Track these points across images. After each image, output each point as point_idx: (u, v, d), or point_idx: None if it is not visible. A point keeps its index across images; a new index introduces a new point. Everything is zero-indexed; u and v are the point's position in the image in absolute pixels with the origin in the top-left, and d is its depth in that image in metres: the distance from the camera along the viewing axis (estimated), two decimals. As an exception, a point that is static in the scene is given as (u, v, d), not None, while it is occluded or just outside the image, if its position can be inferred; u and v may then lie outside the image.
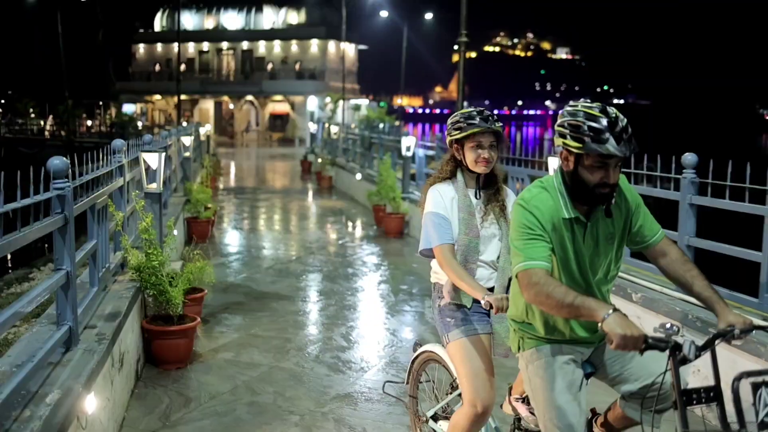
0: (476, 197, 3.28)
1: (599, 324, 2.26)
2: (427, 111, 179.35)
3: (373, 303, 7.66)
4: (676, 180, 5.44)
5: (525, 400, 3.13)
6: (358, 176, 15.47)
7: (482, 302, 2.92)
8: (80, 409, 3.27)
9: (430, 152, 12.07)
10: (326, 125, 24.30)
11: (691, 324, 4.67)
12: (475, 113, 3.22)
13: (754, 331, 2.46)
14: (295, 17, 53.92)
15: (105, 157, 5.07)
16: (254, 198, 17.16)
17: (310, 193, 18.61)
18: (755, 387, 2.14)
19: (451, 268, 3.10)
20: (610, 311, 2.26)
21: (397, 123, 37.20)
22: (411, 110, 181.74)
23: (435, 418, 3.54)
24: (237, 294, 7.79)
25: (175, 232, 8.10)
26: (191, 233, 10.49)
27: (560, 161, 2.61)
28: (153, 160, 5.80)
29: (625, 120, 2.47)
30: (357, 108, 39.38)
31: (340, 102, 35.59)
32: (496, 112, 3.51)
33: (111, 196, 5.13)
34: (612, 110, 2.46)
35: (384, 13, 46.03)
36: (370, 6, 49.13)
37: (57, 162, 3.59)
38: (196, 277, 5.96)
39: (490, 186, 3.31)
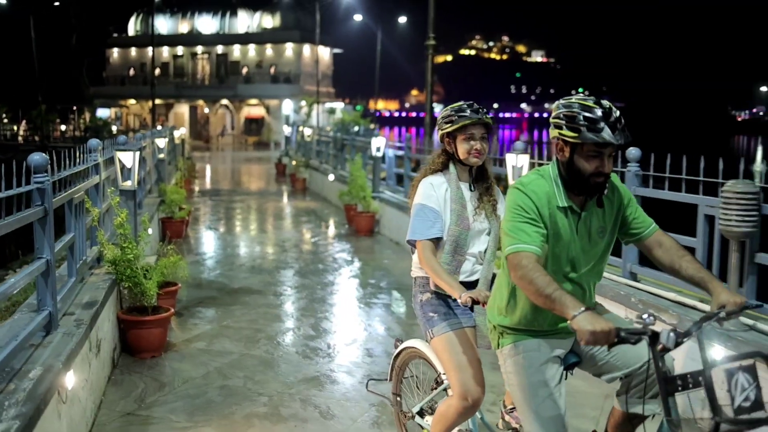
0: (470, 189, 3.33)
1: (568, 321, 2.31)
2: (404, 114, 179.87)
3: (342, 296, 7.96)
4: (622, 173, 5.80)
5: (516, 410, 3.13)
6: (331, 177, 15.77)
7: (459, 300, 2.97)
8: (60, 385, 3.54)
9: (399, 152, 12.39)
10: (300, 128, 24.54)
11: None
12: (465, 106, 3.29)
13: (742, 312, 2.49)
14: (269, 21, 54.14)
15: (81, 156, 5.33)
16: (229, 200, 17.40)
17: (284, 195, 18.88)
18: (730, 373, 2.16)
19: (429, 265, 3.14)
20: (581, 309, 2.29)
21: (372, 126, 37.44)
22: (387, 114, 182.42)
23: (421, 413, 3.55)
24: (210, 289, 8.06)
25: (150, 230, 8.36)
26: (166, 233, 10.72)
27: (555, 152, 2.68)
28: (127, 158, 6.07)
29: (618, 111, 2.54)
30: (332, 111, 39.69)
31: (315, 105, 35.81)
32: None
33: (87, 193, 5.39)
34: (606, 102, 2.56)
35: (358, 17, 46.36)
36: (346, 10, 49.46)
37: (37, 158, 3.86)
38: (170, 271, 6.22)
39: (482, 180, 3.37)
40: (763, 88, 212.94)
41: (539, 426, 2.64)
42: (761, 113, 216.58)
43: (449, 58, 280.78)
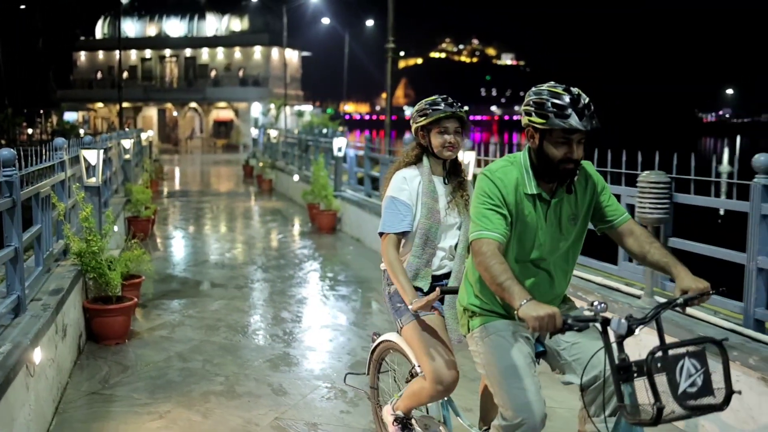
0: (444, 183, 3.34)
1: (515, 311, 2.37)
2: (374, 117, 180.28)
3: (301, 288, 8.32)
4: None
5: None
6: (296, 178, 16.12)
7: (409, 307, 3.06)
8: (28, 360, 3.87)
9: (360, 152, 12.77)
10: (267, 130, 24.84)
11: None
12: (439, 99, 3.29)
13: (703, 297, 2.51)
14: (238, 24, 54.29)
15: (48, 154, 5.65)
16: (196, 200, 17.65)
17: (251, 196, 19.16)
18: (676, 358, 2.17)
19: (388, 261, 3.19)
20: (527, 299, 2.34)
21: (340, 128, 37.80)
22: (358, 116, 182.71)
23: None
24: (174, 283, 8.38)
25: (116, 228, 8.67)
26: (132, 231, 10.97)
27: (527, 140, 2.70)
28: (92, 156, 6.39)
29: (588, 99, 2.57)
30: (300, 114, 39.99)
31: (283, 108, 36.08)
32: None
33: (53, 189, 5.71)
34: (575, 89, 2.58)
35: (326, 21, 46.72)
36: (315, 13, 49.79)
37: (6, 153, 4.19)
38: (133, 264, 6.55)
39: (456, 174, 3.38)
40: (729, 91, 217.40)
41: (514, 407, 2.61)
42: (727, 115, 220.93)
43: (420, 61, 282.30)
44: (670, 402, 2.15)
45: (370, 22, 49.01)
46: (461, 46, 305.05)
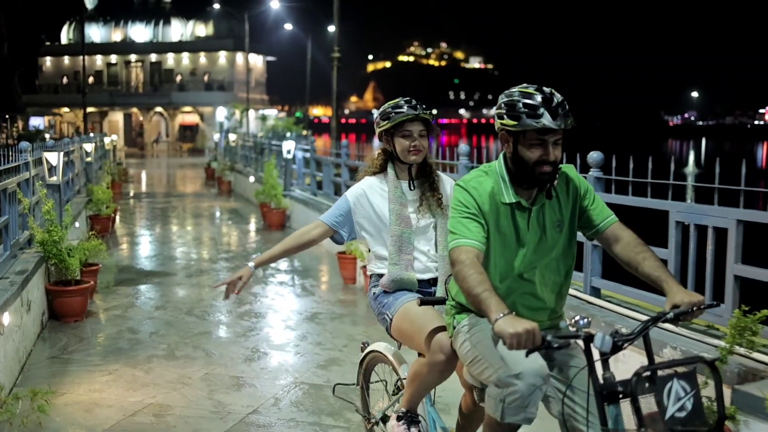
0: (410, 188, 3.27)
1: (491, 327, 2.23)
2: (343, 120, 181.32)
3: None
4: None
5: None
6: (251, 179, 17.04)
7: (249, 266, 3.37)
8: (-1, 321, 4.79)
9: (307, 154, 13.74)
10: (227, 134, 25.71)
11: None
12: (402, 102, 3.22)
13: (695, 313, 2.33)
14: (202, 30, 55.00)
15: (13, 155, 6.55)
16: (157, 201, 18.48)
17: (210, 196, 20.02)
18: (664, 380, 2.06)
19: (296, 235, 3.36)
20: (503, 313, 2.20)
21: (304, 132, 38.68)
22: (327, 120, 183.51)
23: (384, 419, 3.42)
24: (130, 273, 9.28)
25: (77, 224, 9.55)
26: (93, 228, 11.84)
27: (502, 145, 2.61)
28: (53, 158, 7.29)
29: (561, 97, 2.48)
30: (263, 118, 40.77)
31: (247, 112, 36.88)
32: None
33: (19, 186, 6.60)
34: (548, 89, 2.49)
35: (289, 27, 47.55)
36: (281, 19, 50.61)
37: (-22, 154, 5.10)
38: (91, 253, 7.44)
39: (424, 177, 3.29)
40: (694, 94, 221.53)
41: (511, 362, 2.41)
42: (692, 118, 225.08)
43: (388, 64, 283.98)
44: (658, 427, 2.04)
45: (332, 29, 49.88)
46: (430, 50, 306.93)
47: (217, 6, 53.04)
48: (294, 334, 6.58)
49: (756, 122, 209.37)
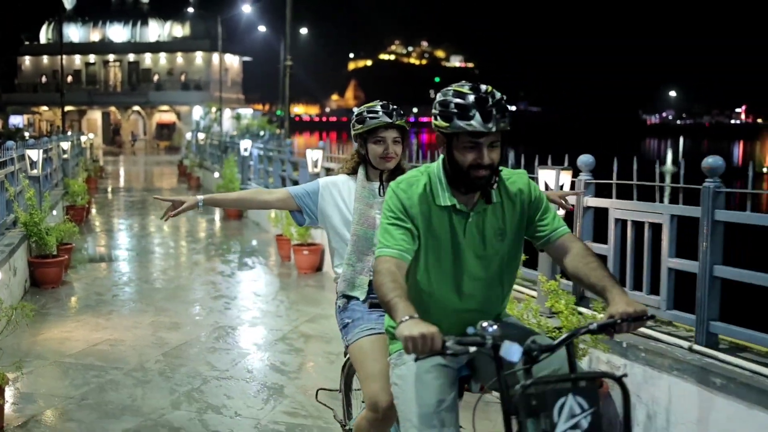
0: (380, 194, 3.19)
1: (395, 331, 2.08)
2: (324, 119, 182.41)
3: (199, 255, 10.86)
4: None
5: None
6: (216, 174, 18.62)
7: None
8: (-6, 277, 6.37)
9: (261, 152, 15.33)
10: (197, 133, 27.23)
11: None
12: (378, 107, 3.17)
13: (633, 323, 2.17)
14: (179, 30, 56.39)
15: (1, 152, 8.13)
16: (130, 195, 20.02)
17: (181, 191, 21.56)
18: (556, 395, 1.98)
19: (254, 191, 3.50)
20: (407, 317, 2.08)
21: (278, 131, 40.05)
22: (308, 118, 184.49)
23: None
24: (101, 253, 10.86)
25: (55, 212, 11.11)
26: (70, 216, 13.38)
27: (438, 147, 2.50)
28: (34, 155, 8.85)
29: (498, 96, 2.35)
30: (238, 117, 42.22)
31: (221, 111, 38.35)
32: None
33: (6, 177, 8.16)
34: (484, 87, 2.37)
35: (262, 29, 48.97)
36: (257, 20, 52.02)
37: (-24, 151, 6.68)
38: (65, 234, 8.99)
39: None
40: (672, 93, 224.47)
41: (420, 425, 2.36)
42: (670, 117, 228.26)
43: (369, 62, 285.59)
44: None
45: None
46: (410, 48, 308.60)
47: (191, 10, 54.36)
48: (231, 294, 8.20)
49: (733, 121, 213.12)
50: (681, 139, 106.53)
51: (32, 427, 4.40)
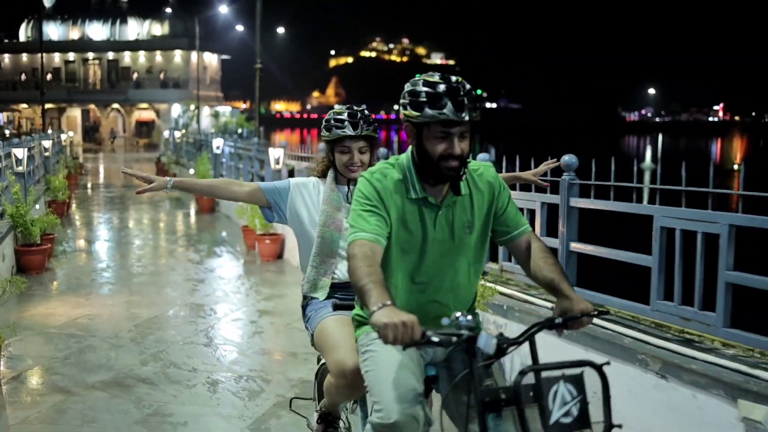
0: (346, 201, 3.18)
1: (369, 319, 2.05)
2: (305, 116, 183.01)
3: (173, 245, 11.79)
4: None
5: None
6: (191, 171, 19.50)
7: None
8: (-14, 260, 7.27)
9: (232, 150, 16.24)
10: (173, 132, 28.06)
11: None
12: (345, 116, 3.12)
13: (583, 320, 2.24)
14: (158, 29, 57.05)
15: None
16: (109, 191, 20.84)
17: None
18: (550, 382, 1.95)
19: (224, 181, 3.43)
20: (382, 304, 2.04)
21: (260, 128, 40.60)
22: (289, 115, 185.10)
23: None
24: (81, 244, 11.76)
25: (38, 206, 11.98)
26: (52, 210, 14.24)
27: (407, 138, 2.47)
28: (20, 153, 9.74)
29: (469, 87, 2.32)
30: (216, 115, 43.07)
31: (199, 109, 39.16)
32: (374, 116, 3.17)
33: (-6, 173, 9.05)
34: (455, 77, 2.34)
35: (240, 28, 49.77)
36: (237, 18, 52.74)
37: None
38: (48, 225, 9.88)
39: None
40: (651, 91, 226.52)
41: (388, 406, 2.29)
42: (649, 114, 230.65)
43: (350, 59, 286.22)
44: None
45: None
46: (391, 46, 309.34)
47: (169, 10, 55.00)
48: (200, 277, 9.14)
49: (710, 119, 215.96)
50: (660, 137, 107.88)
51: (24, 379, 5.34)
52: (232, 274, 9.48)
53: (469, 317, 2.05)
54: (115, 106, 55.12)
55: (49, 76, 53.15)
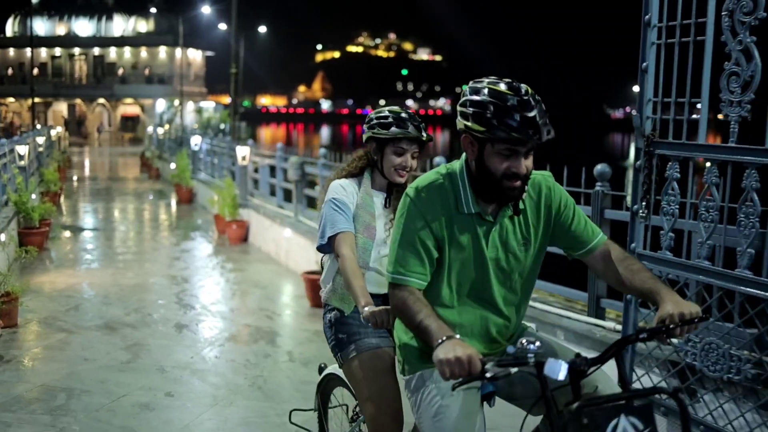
0: (385, 206, 3.02)
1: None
2: (291, 110, 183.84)
3: (154, 230, 13.47)
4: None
5: None
6: (172, 165, 21.11)
7: (362, 313, 2.61)
8: (-1, 238, 8.93)
9: (208, 147, 17.90)
10: (157, 128, 29.61)
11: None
12: (405, 116, 2.95)
13: (683, 328, 2.00)
14: (144, 25, 58.49)
15: (-2, 148, 10.68)
16: (96, 183, 22.46)
17: (142, 180, 24.04)
18: (608, 415, 1.80)
19: (346, 262, 2.79)
20: (444, 338, 1.92)
21: (242, 123, 42.10)
22: (275, 109, 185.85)
23: None
24: (73, 228, 13.43)
25: (34, 196, 13.64)
26: (48, 199, 15.87)
27: (464, 148, 2.23)
28: (22, 149, 11.39)
29: (539, 99, 2.10)
30: (199, 111, 44.59)
31: (182, 106, 40.66)
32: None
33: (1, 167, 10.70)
34: (524, 87, 2.11)
35: (223, 26, 51.19)
36: (220, 16, 54.13)
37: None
38: (46, 211, 11.54)
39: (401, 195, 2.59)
40: (636, 88, 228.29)
41: None
42: (633, 112, 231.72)
43: (337, 54, 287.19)
44: None
45: (262, 29, 53.64)
46: (378, 41, 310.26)
47: (154, 10, 56.41)
48: (176, 255, 10.84)
49: (694, 116, 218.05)
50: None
51: (37, 323, 7.04)
52: (203, 254, 11.19)
53: (537, 343, 1.87)
54: (101, 101, 56.50)
55: (35, 71, 54.40)
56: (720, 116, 3.25)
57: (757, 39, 3.07)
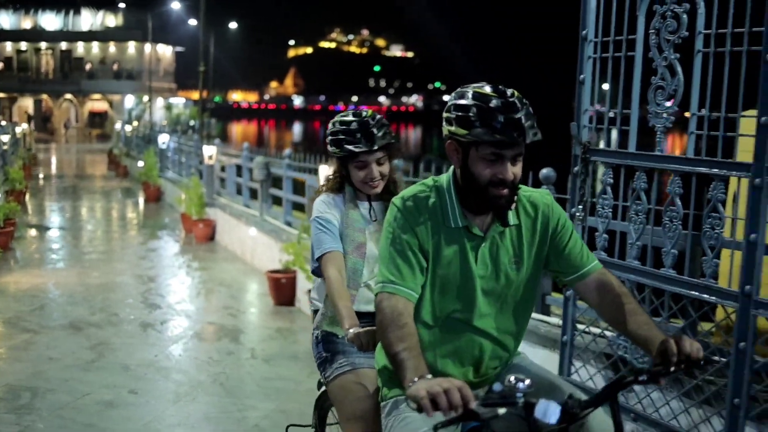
0: (370, 217, 2.86)
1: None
2: (263, 106, 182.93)
3: (123, 229, 13.50)
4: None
5: None
6: (140, 164, 21.05)
7: (346, 335, 2.50)
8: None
9: (175, 145, 17.93)
10: (124, 125, 29.45)
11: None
12: (356, 127, 2.75)
13: (680, 369, 1.83)
14: (112, 20, 57.95)
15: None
16: (63, 181, 22.34)
17: (109, 178, 23.94)
18: None
19: (332, 283, 2.66)
20: (418, 377, 1.77)
21: (212, 120, 41.94)
22: (246, 105, 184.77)
23: None
24: (38, 228, 13.42)
25: (-1, 195, 13.59)
26: (13, 199, 15.80)
27: (449, 157, 2.11)
28: (-15, 149, 11.37)
29: (525, 101, 2.01)
30: (169, 107, 44.34)
31: (150, 102, 40.43)
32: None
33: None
34: (510, 91, 2.02)
35: (193, 22, 50.94)
36: (190, 12, 53.82)
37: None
38: (10, 211, 11.54)
39: (389, 199, 2.50)
40: (605, 86, 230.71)
41: None
42: (602, 108, 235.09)
43: (309, 50, 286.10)
44: None
45: (234, 25, 53.55)
46: (351, 37, 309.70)
47: (122, 4, 55.92)
48: (142, 254, 10.92)
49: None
50: (614, 131, 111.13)
51: (2, 322, 7.10)
52: (170, 253, 11.28)
53: (527, 381, 1.66)
54: (68, 96, 55.87)
55: (0, 65, 53.81)
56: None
57: (680, 56, 3.30)
